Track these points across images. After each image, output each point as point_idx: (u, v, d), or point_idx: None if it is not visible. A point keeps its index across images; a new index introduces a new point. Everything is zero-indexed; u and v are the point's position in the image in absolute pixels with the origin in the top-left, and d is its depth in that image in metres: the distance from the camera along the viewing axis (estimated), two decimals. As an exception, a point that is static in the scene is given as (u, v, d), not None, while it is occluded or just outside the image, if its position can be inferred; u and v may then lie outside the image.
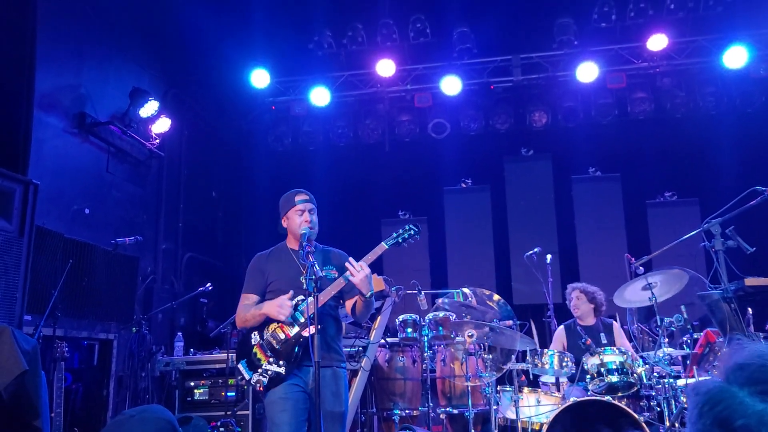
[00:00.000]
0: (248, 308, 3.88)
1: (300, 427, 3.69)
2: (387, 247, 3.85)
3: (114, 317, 6.69)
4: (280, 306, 3.70)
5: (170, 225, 8.35)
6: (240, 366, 3.86)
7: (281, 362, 3.73)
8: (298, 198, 3.96)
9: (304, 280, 3.51)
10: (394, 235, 3.90)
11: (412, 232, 3.87)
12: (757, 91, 8.89)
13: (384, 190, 10.16)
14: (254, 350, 3.83)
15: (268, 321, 3.82)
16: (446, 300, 6.25)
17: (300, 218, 3.90)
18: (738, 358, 1.16)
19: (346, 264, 3.70)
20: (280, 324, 3.78)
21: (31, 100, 5.74)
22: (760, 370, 1.11)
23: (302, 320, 3.71)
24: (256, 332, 3.85)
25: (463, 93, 9.29)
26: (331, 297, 3.76)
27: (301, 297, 3.76)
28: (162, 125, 7.81)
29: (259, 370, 3.77)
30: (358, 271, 3.65)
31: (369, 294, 3.76)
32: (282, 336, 3.77)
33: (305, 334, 3.64)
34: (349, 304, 3.96)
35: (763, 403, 1.06)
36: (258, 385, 3.77)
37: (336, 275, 3.84)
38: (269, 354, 3.77)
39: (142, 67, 7.91)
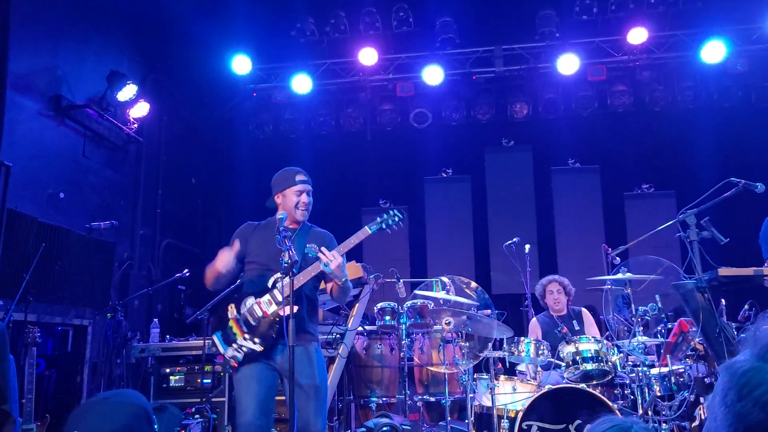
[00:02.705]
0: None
1: (266, 404, 3.75)
2: (370, 232, 3.85)
3: (89, 303, 6.61)
4: (218, 259, 3.82)
5: (148, 211, 8.27)
6: (215, 338, 3.88)
7: (257, 339, 3.74)
8: (298, 177, 3.99)
9: (286, 255, 3.51)
10: (378, 220, 3.90)
11: (396, 218, 3.87)
12: (734, 86, 9.00)
13: (365, 178, 10.14)
14: (230, 324, 3.83)
15: (246, 295, 3.84)
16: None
17: (297, 198, 3.93)
18: None
19: (319, 254, 3.71)
20: (257, 300, 3.79)
21: (4, 81, 5.65)
22: None
23: (280, 299, 3.71)
24: (233, 305, 3.85)
25: (445, 83, 9.28)
26: (310, 278, 3.76)
27: (279, 275, 3.76)
28: (140, 110, 7.71)
29: (234, 345, 3.79)
30: (332, 260, 3.67)
31: (343, 280, 3.80)
32: (259, 313, 3.78)
33: (282, 313, 3.64)
34: (327, 286, 4.00)
35: None
36: (233, 360, 3.79)
37: (317, 253, 3.83)
38: (245, 330, 3.77)
39: (122, 50, 7.80)
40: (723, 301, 5.02)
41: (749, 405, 1.08)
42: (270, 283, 3.81)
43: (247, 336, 3.76)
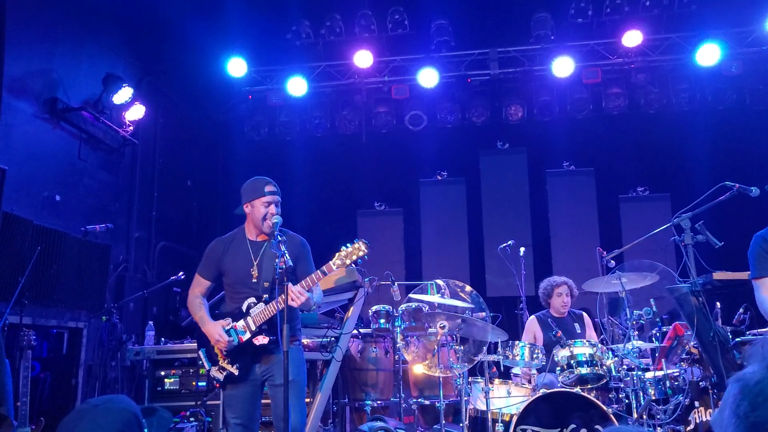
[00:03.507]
0: (197, 307, 4.01)
1: (250, 415, 3.90)
2: (335, 269, 3.80)
3: (84, 305, 6.60)
4: (217, 341, 3.83)
5: (143, 213, 8.27)
6: (201, 353, 3.98)
7: (236, 365, 3.85)
8: (267, 188, 3.96)
9: (254, 272, 3.62)
10: (342, 254, 3.78)
11: (361, 253, 3.76)
12: (728, 88, 9.02)
13: (360, 181, 10.15)
14: (212, 343, 3.90)
15: (224, 315, 3.90)
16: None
17: (266, 209, 3.91)
18: None
19: (287, 288, 3.62)
20: (234, 324, 3.85)
21: (-1, 84, 5.64)
22: None
23: (254, 328, 3.78)
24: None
25: (440, 85, 9.31)
26: (280, 283, 3.66)
27: (252, 300, 3.83)
28: (136, 112, 7.71)
29: (216, 367, 3.92)
30: (298, 297, 3.66)
31: (311, 308, 3.97)
32: (234, 340, 3.87)
33: (256, 342, 3.80)
34: None
35: None
36: (215, 381, 3.95)
37: (291, 265, 3.74)
38: (224, 352, 3.85)
39: (117, 53, 7.79)
40: (718, 304, 5.04)
41: (764, 413, 1.09)
42: (244, 307, 3.87)
43: (227, 360, 3.88)
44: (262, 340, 3.78)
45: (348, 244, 3.80)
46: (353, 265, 3.82)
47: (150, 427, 5.28)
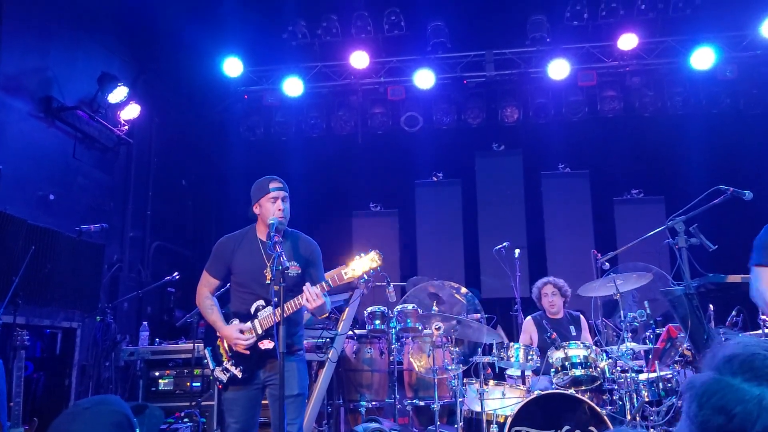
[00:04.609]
0: (209, 310, 3.95)
1: (249, 421, 3.86)
2: (345, 278, 3.72)
3: (78, 305, 6.57)
4: (236, 341, 3.78)
5: (138, 213, 8.24)
6: (206, 353, 3.95)
7: (240, 367, 3.82)
8: (272, 185, 3.88)
9: (267, 273, 3.51)
10: (356, 262, 3.70)
11: (375, 264, 3.68)
12: (722, 92, 9.07)
13: (356, 182, 10.15)
14: (218, 343, 3.91)
15: (231, 315, 3.88)
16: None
17: (273, 206, 3.83)
18: (725, 352, 1.20)
19: (304, 288, 3.63)
20: (240, 326, 3.82)
21: (-6, 83, 5.62)
22: (750, 358, 1.15)
23: (260, 332, 3.76)
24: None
25: (436, 87, 9.32)
26: (289, 290, 3.62)
27: (261, 302, 3.79)
28: (131, 112, 7.69)
29: (220, 367, 3.88)
30: (314, 299, 3.63)
31: (321, 316, 3.95)
32: None
33: (261, 346, 3.76)
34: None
35: (760, 387, 1.09)
36: (218, 382, 3.90)
37: (299, 271, 3.76)
38: (229, 354, 3.85)
39: (112, 51, 7.77)
40: (711, 306, 5.07)
41: (709, 412, 1.14)
42: (253, 309, 3.83)
43: (232, 361, 3.84)
44: (267, 344, 3.72)
45: (362, 254, 3.71)
46: (365, 276, 3.75)
47: (141, 426, 5.23)
